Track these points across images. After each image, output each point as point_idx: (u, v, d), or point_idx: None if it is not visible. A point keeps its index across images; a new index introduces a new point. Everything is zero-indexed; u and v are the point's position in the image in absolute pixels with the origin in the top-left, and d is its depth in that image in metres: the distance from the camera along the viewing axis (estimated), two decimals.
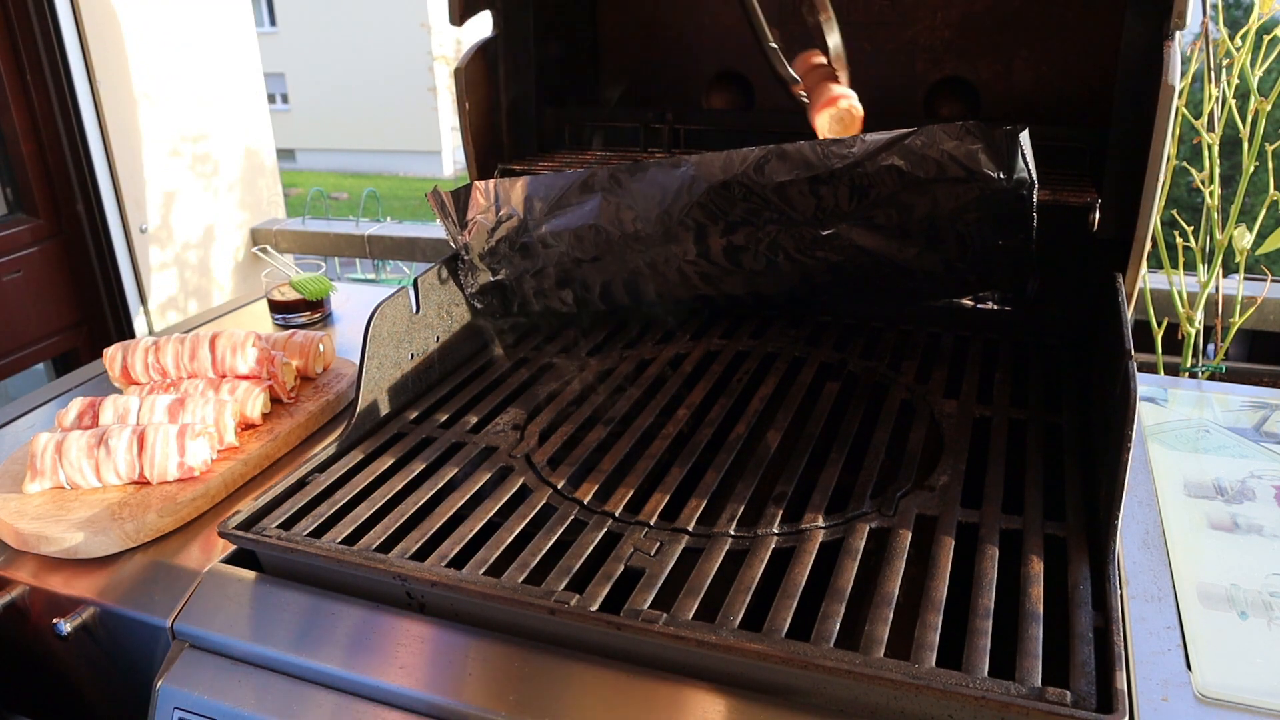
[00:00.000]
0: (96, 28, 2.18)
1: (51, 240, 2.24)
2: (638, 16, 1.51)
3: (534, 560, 0.81)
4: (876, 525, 0.85)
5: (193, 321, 1.56)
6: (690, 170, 1.09)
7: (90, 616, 0.88)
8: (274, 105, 14.98)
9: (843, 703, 0.69)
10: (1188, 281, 1.65)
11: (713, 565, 0.80)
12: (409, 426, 1.07)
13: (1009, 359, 1.17)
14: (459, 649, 0.77)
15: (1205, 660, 0.74)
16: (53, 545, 0.91)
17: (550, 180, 1.14)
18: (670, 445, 1.01)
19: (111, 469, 0.98)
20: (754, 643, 0.69)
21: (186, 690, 0.80)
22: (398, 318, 1.10)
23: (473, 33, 1.40)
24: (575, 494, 0.92)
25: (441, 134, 14.52)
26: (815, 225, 1.11)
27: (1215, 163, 1.54)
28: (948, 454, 0.96)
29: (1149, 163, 1.02)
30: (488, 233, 1.18)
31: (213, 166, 2.57)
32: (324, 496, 0.92)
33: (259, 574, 0.87)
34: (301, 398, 1.19)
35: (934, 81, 1.37)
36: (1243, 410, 1.15)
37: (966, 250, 1.10)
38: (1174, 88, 0.98)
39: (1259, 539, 0.89)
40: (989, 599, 0.74)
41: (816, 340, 1.26)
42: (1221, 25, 1.50)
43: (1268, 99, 1.49)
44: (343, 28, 14.40)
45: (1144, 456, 1.04)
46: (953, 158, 1.01)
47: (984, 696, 0.63)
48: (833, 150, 1.04)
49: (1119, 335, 0.92)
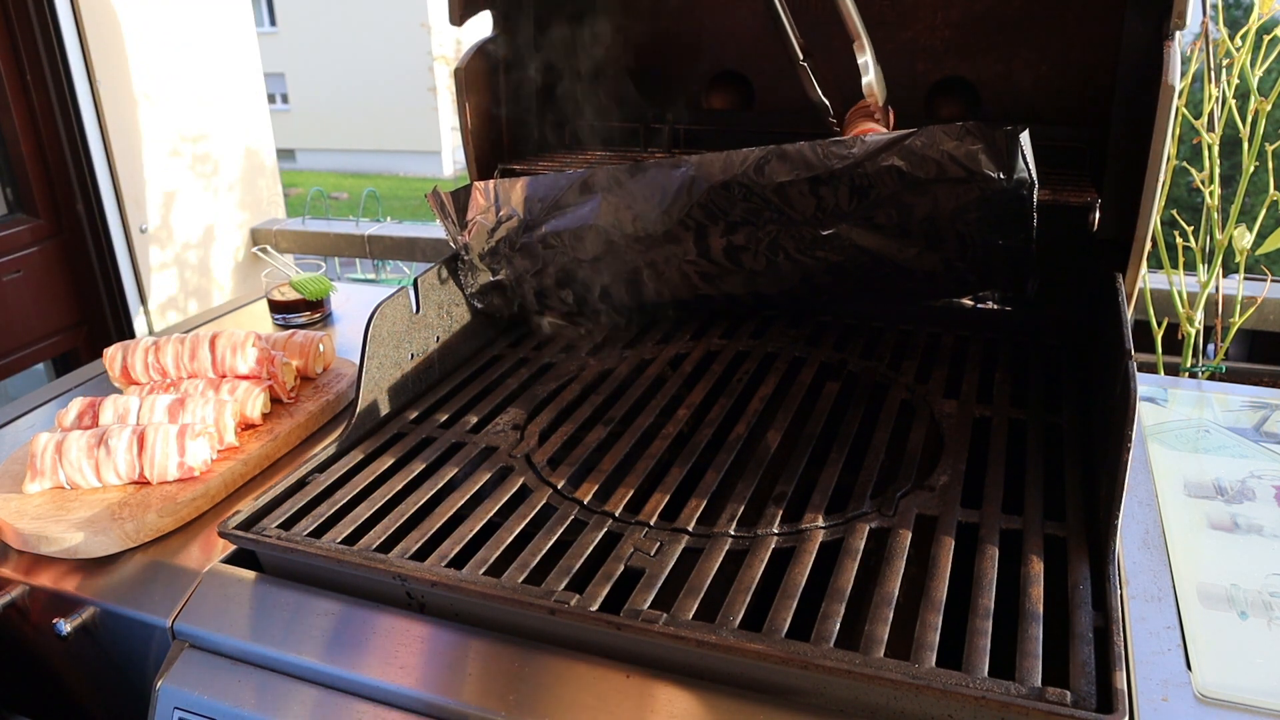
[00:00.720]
0: (96, 28, 2.18)
1: (51, 240, 2.24)
2: (638, 16, 1.51)
3: (534, 560, 0.81)
4: (876, 525, 0.85)
5: (193, 321, 1.56)
6: (690, 170, 1.09)
7: (90, 616, 0.88)
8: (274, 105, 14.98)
9: (843, 703, 0.69)
10: (1188, 281, 1.65)
11: (713, 565, 0.80)
12: (409, 426, 1.07)
13: (1009, 359, 1.17)
14: (459, 649, 0.77)
15: (1205, 660, 0.74)
16: (53, 545, 0.91)
17: (550, 180, 1.14)
18: (670, 445, 1.01)
19: (111, 469, 0.98)
20: (754, 643, 0.69)
21: (186, 690, 0.80)
22: (398, 318, 1.10)
23: (473, 33, 1.40)
24: (575, 494, 0.92)
25: (441, 134, 14.52)
26: (815, 225, 1.11)
27: (1215, 163, 1.54)
28: (948, 454, 0.96)
29: (1149, 163, 1.02)
30: (488, 233, 1.18)
31: (213, 166, 2.57)
32: (324, 496, 0.92)
33: (259, 574, 0.87)
34: (301, 398, 1.19)
35: (934, 81, 1.37)
36: (1243, 410, 1.15)
37: (967, 250, 1.10)
38: (1174, 88, 0.98)
39: (1259, 539, 0.89)
40: (989, 599, 0.74)
41: (816, 340, 1.26)
42: (1221, 25, 1.50)
43: (1268, 99, 1.49)
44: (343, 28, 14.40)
45: (1144, 456, 1.04)
46: (953, 158, 1.01)
47: (984, 696, 0.63)
48: (833, 151, 1.03)
49: (1119, 335, 0.92)
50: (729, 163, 1.07)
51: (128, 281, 2.36)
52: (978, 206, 1.04)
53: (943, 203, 1.05)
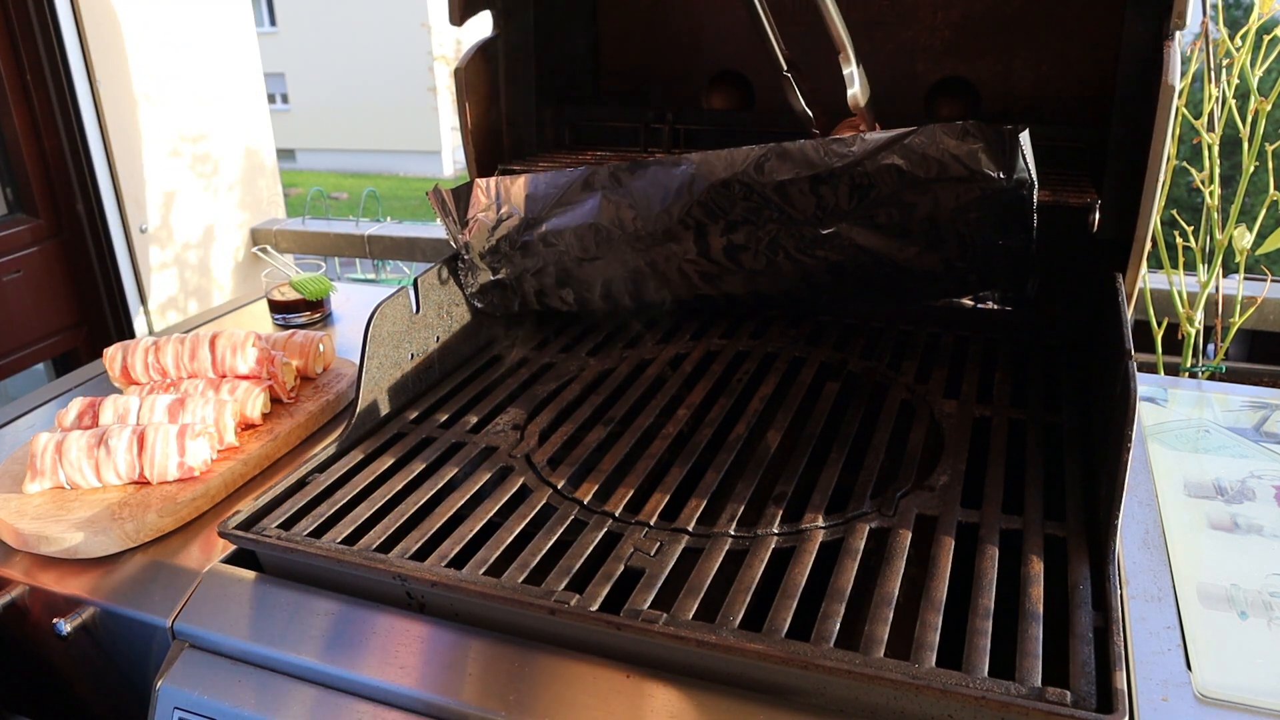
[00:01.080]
0: (96, 28, 2.18)
1: (51, 240, 2.24)
2: (638, 16, 1.51)
3: (534, 560, 0.81)
4: (876, 525, 0.84)
5: (193, 321, 1.56)
6: (690, 169, 1.09)
7: (90, 616, 0.88)
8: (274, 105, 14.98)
9: (843, 703, 0.69)
10: (1188, 281, 1.65)
11: (713, 565, 0.80)
12: (409, 426, 1.07)
13: (1009, 359, 1.17)
14: (459, 649, 0.77)
15: (1205, 660, 0.74)
16: (53, 545, 0.91)
17: (551, 179, 1.14)
18: (670, 445, 1.01)
19: (111, 469, 0.98)
20: (754, 643, 0.69)
21: (186, 690, 0.80)
22: (398, 318, 1.10)
23: (473, 33, 1.40)
24: (575, 494, 0.92)
25: (441, 134, 14.52)
26: (816, 224, 1.11)
27: (1215, 163, 1.54)
28: (948, 454, 0.96)
29: (1149, 163, 1.02)
30: (488, 231, 1.18)
31: (213, 166, 2.57)
32: (324, 496, 0.92)
33: (259, 574, 0.87)
34: (301, 398, 1.19)
35: (934, 81, 1.37)
36: (1243, 410, 1.15)
37: (967, 250, 1.10)
38: (1174, 88, 0.98)
39: (1259, 539, 0.89)
40: (989, 599, 0.74)
41: (816, 340, 1.26)
42: (1221, 25, 1.50)
43: (1268, 99, 1.49)
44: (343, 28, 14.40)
45: (1144, 456, 1.04)
46: (954, 157, 1.01)
47: (984, 696, 0.63)
48: (833, 149, 1.04)
49: (1119, 335, 0.92)
50: (730, 161, 1.07)
51: (128, 281, 2.36)
52: (978, 206, 1.04)
53: (943, 202, 1.05)
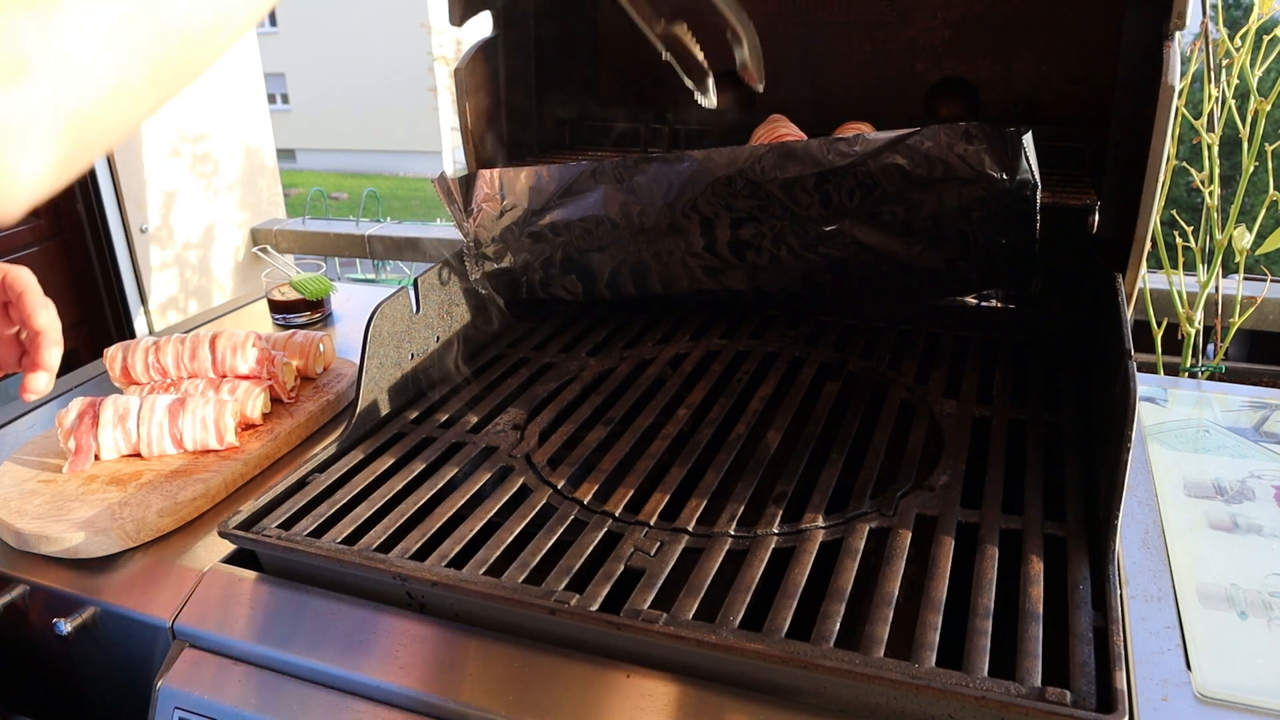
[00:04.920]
0: None
1: (51, 240, 2.24)
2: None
3: (534, 560, 0.81)
4: (876, 525, 0.85)
5: (193, 321, 1.56)
6: (694, 165, 1.09)
7: (90, 616, 0.88)
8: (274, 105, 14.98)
9: (843, 703, 0.69)
10: (1187, 281, 1.65)
11: (713, 565, 0.80)
12: (409, 426, 1.07)
13: (1009, 359, 1.17)
14: (459, 649, 0.77)
15: (1205, 660, 0.74)
16: (53, 545, 0.91)
17: (555, 171, 1.15)
18: (670, 445, 1.01)
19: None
20: (754, 643, 0.69)
21: (186, 690, 0.80)
22: (398, 318, 1.10)
23: (473, 33, 1.40)
24: (575, 494, 0.92)
25: (441, 134, 14.52)
26: (820, 221, 1.12)
27: (1215, 163, 1.55)
28: (948, 454, 0.96)
29: (1149, 163, 1.02)
30: (494, 220, 1.18)
31: (213, 166, 2.57)
32: (324, 496, 0.92)
33: (259, 574, 0.87)
34: (301, 398, 1.19)
35: (934, 81, 1.37)
36: (1242, 410, 1.15)
37: (969, 249, 1.10)
38: (1174, 88, 0.98)
39: (1259, 539, 0.89)
40: (989, 599, 0.74)
41: (816, 340, 1.26)
42: (1221, 25, 1.50)
43: (1267, 99, 1.49)
44: (343, 28, 14.41)
45: (1144, 456, 1.04)
46: (959, 157, 1.01)
47: (984, 696, 0.63)
48: (837, 148, 1.04)
49: (1119, 335, 0.92)
50: (734, 158, 1.08)
51: (128, 281, 2.36)
52: (981, 206, 1.05)
53: (947, 201, 1.05)
